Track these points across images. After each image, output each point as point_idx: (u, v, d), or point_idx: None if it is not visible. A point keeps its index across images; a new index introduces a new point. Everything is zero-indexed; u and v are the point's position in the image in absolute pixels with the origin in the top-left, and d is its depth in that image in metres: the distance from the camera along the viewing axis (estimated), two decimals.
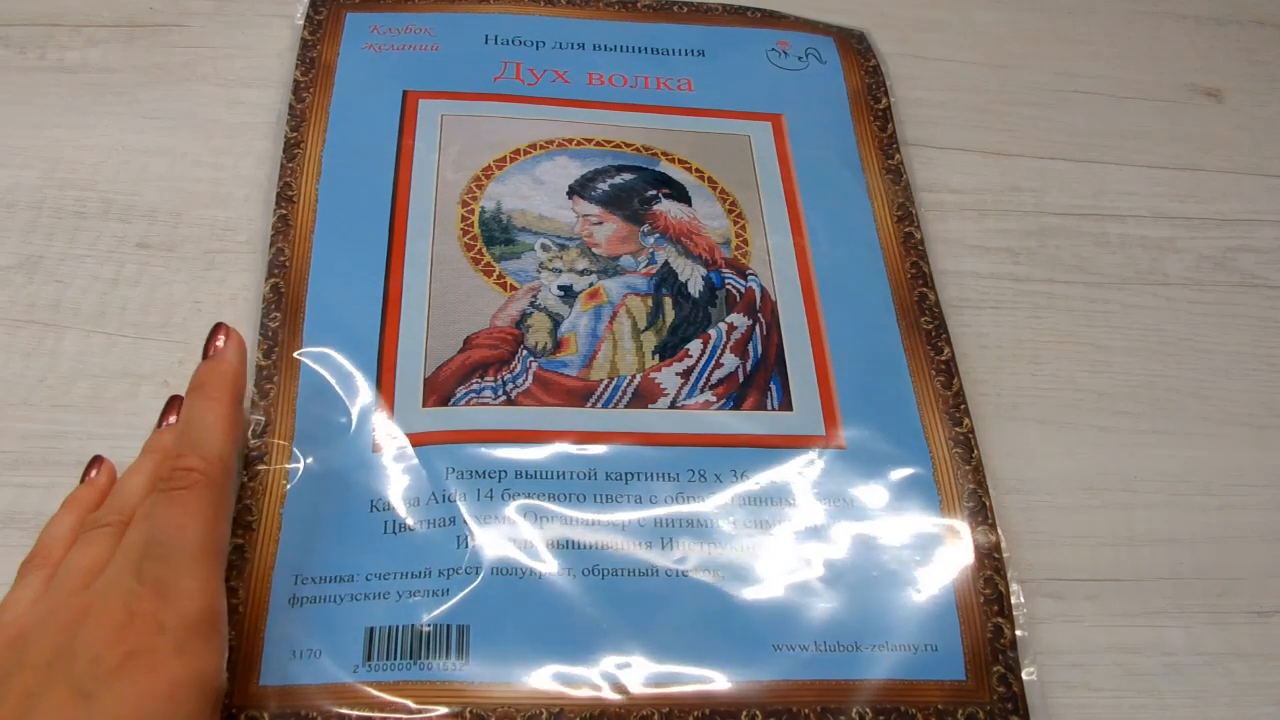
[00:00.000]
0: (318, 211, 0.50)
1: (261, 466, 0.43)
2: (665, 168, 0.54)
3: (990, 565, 0.43)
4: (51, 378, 0.46)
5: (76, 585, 0.35)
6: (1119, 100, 0.63)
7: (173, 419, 0.43)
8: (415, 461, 0.43)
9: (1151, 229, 0.58)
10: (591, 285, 0.49)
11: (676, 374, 0.47)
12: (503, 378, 0.46)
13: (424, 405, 0.45)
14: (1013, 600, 0.43)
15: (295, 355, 0.45)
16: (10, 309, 0.48)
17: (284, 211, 0.50)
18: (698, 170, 0.54)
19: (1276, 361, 0.53)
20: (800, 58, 0.60)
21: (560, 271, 0.50)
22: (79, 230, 0.50)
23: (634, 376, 0.47)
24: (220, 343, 0.41)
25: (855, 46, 0.61)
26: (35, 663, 0.32)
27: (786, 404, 0.47)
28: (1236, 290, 0.56)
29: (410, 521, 0.42)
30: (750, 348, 0.48)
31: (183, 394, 0.43)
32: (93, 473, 0.42)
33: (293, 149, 0.52)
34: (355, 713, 0.38)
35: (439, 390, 0.45)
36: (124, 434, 0.44)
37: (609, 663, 0.40)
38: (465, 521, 0.42)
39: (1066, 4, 0.67)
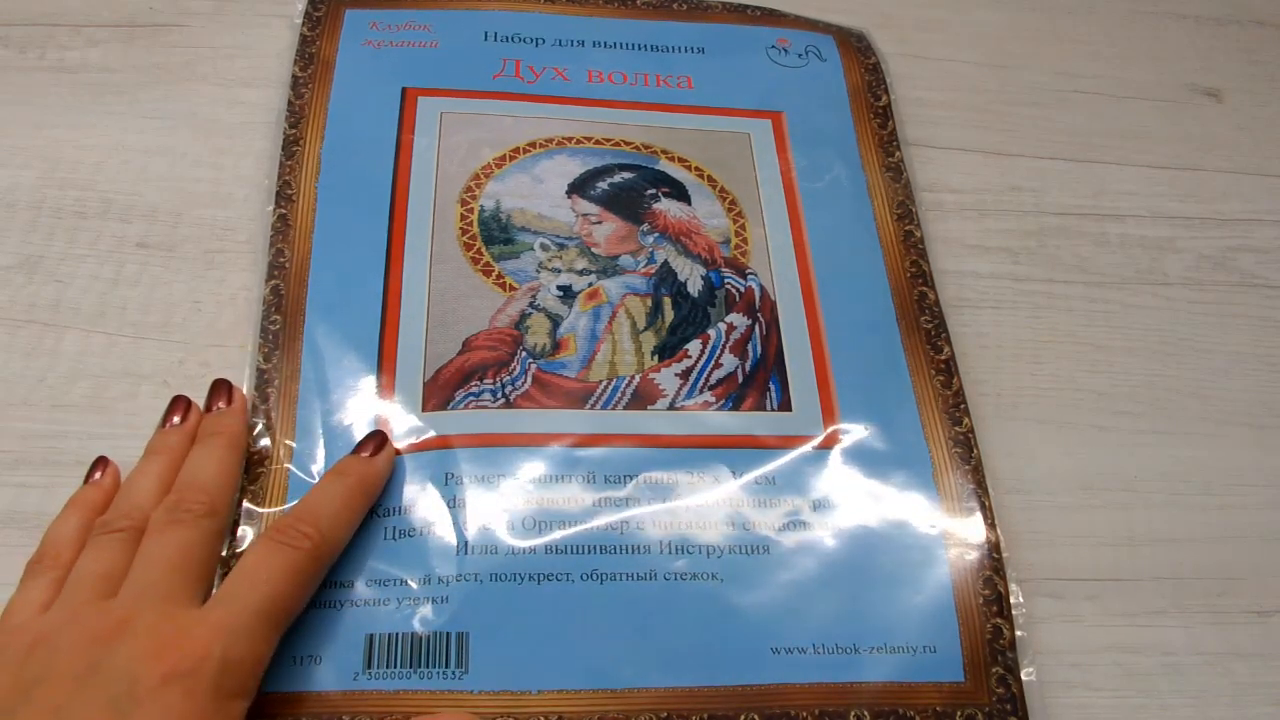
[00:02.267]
0: (317, 210, 0.50)
1: (262, 470, 0.43)
2: (665, 166, 0.54)
3: (989, 566, 0.43)
4: (51, 378, 0.46)
5: (92, 593, 0.35)
6: (1119, 100, 0.63)
7: (176, 419, 0.43)
8: (415, 466, 0.43)
9: (1151, 229, 0.58)
10: (590, 285, 0.49)
11: (675, 375, 0.47)
12: (501, 380, 0.46)
13: (424, 409, 0.45)
14: (1012, 601, 0.43)
15: (295, 358, 0.45)
16: (10, 309, 0.48)
17: (283, 211, 0.49)
18: (697, 169, 0.54)
19: (1276, 361, 0.53)
20: (800, 55, 0.60)
21: (559, 271, 0.50)
22: (79, 230, 0.50)
23: (633, 377, 0.47)
24: (374, 446, 0.42)
25: (855, 44, 0.61)
26: (64, 674, 0.32)
27: (786, 404, 0.47)
28: (1236, 290, 0.56)
29: (410, 526, 0.42)
30: (749, 348, 0.48)
31: (184, 393, 0.44)
32: (97, 474, 0.42)
33: (291, 146, 0.52)
34: None
35: (438, 394, 0.45)
36: (124, 434, 0.44)
37: (608, 668, 0.40)
38: (465, 527, 0.42)
39: (1066, 4, 0.67)
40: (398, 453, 0.43)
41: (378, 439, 0.42)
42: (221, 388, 0.44)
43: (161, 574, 0.35)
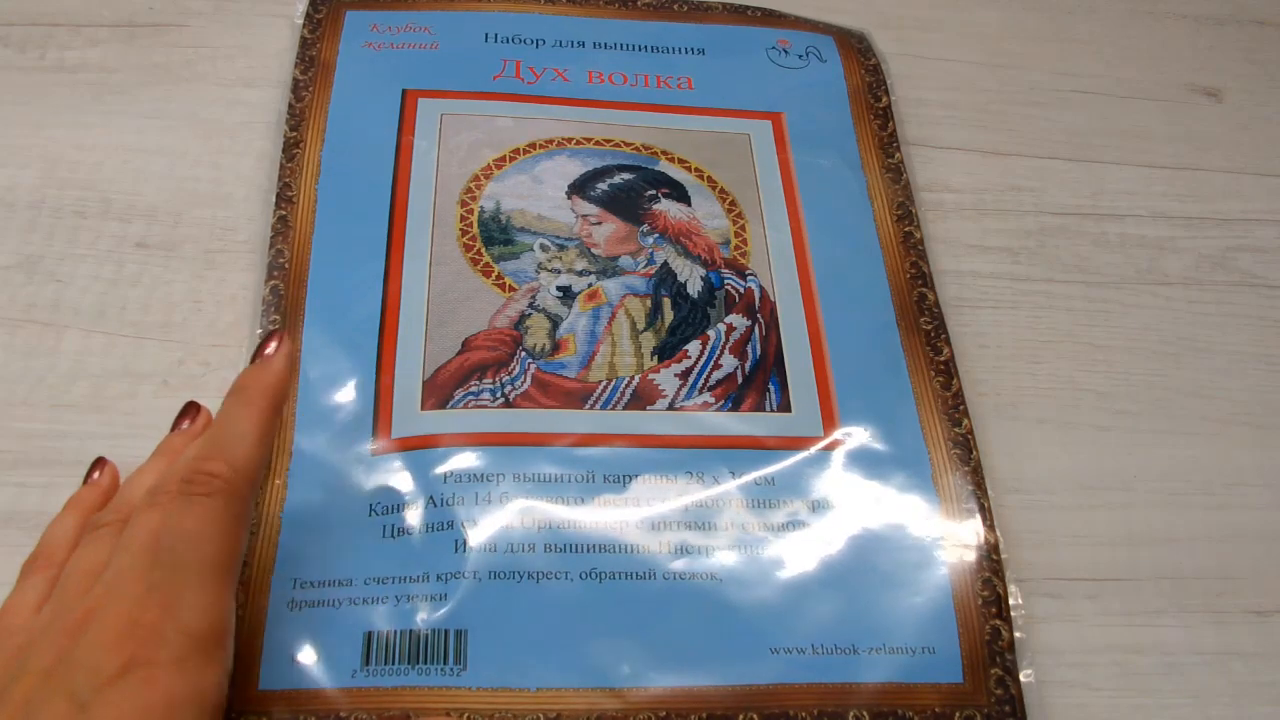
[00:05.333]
0: (317, 212, 0.50)
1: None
2: (665, 167, 0.54)
3: (988, 567, 0.43)
4: (51, 377, 0.46)
5: (80, 589, 0.35)
6: (1119, 100, 0.63)
7: (186, 424, 0.43)
8: (414, 465, 0.43)
9: (1151, 229, 0.58)
10: (590, 286, 0.49)
11: (675, 375, 0.47)
12: (501, 380, 0.46)
13: (422, 408, 0.45)
14: (1011, 602, 0.43)
15: (295, 358, 0.45)
16: (10, 309, 0.48)
17: (284, 212, 0.50)
18: (697, 169, 0.54)
19: (1276, 361, 0.53)
20: (801, 56, 0.60)
21: (559, 272, 0.50)
22: (79, 230, 0.50)
23: (632, 378, 0.47)
24: (271, 349, 0.39)
25: (855, 45, 0.61)
26: (36, 669, 0.32)
27: (785, 405, 0.47)
28: (1236, 290, 0.56)
29: (409, 525, 0.42)
30: (749, 348, 0.48)
31: (192, 398, 0.44)
32: (95, 474, 0.42)
33: (292, 148, 0.52)
34: (353, 717, 0.38)
35: (437, 393, 0.45)
36: (123, 434, 0.45)
37: (606, 666, 0.40)
38: (463, 525, 0.42)
39: (1066, 4, 0.67)
40: (398, 449, 0.43)
41: (274, 338, 0.39)
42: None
43: (132, 559, 0.34)
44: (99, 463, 0.42)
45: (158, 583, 0.33)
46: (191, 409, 0.43)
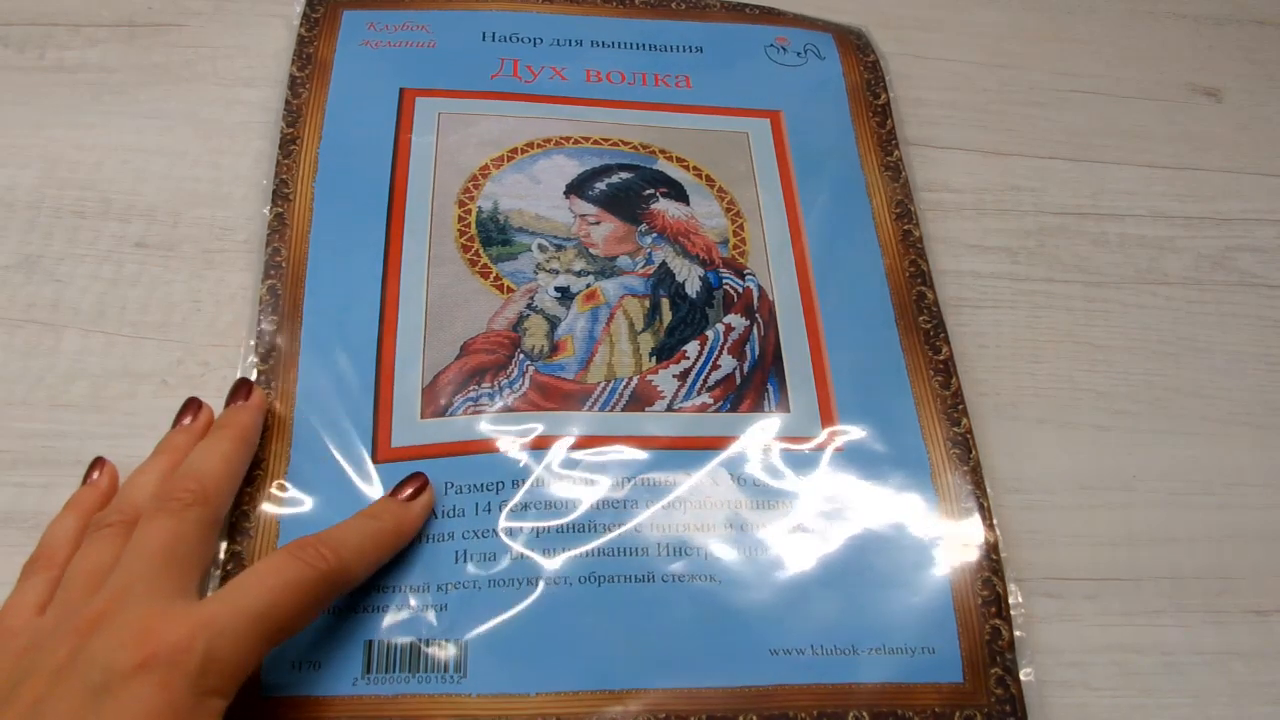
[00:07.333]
0: (314, 210, 0.50)
1: (259, 472, 0.43)
2: (663, 166, 0.54)
3: (988, 567, 0.43)
4: (50, 377, 0.46)
5: (85, 589, 0.35)
6: (1119, 100, 0.63)
7: (188, 420, 0.43)
8: None
9: (1150, 228, 0.58)
10: (589, 286, 0.49)
11: (674, 376, 0.47)
12: (499, 383, 0.46)
13: (422, 416, 0.44)
14: (1010, 601, 0.43)
15: (293, 361, 0.45)
16: (9, 308, 0.48)
17: (280, 210, 0.49)
18: (695, 168, 0.54)
19: (1276, 361, 0.53)
20: (799, 54, 0.60)
21: (557, 272, 0.50)
22: (78, 230, 0.50)
23: (631, 379, 0.47)
24: (416, 488, 0.41)
25: (854, 42, 0.61)
26: (46, 669, 0.32)
27: (784, 405, 0.47)
28: (1236, 290, 0.56)
29: None
30: (748, 348, 0.48)
31: (194, 395, 0.44)
32: (94, 474, 0.42)
33: (289, 145, 0.52)
34: None
35: (436, 400, 0.45)
36: (123, 433, 0.45)
37: (606, 669, 0.40)
38: (463, 533, 0.42)
39: (1066, 4, 0.67)
40: (398, 458, 0.43)
41: (418, 481, 0.42)
42: (242, 386, 0.43)
43: (144, 564, 0.35)
44: (98, 463, 0.42)
45: (221, 599, 0.34)
46: (193, 405, 0.43)
